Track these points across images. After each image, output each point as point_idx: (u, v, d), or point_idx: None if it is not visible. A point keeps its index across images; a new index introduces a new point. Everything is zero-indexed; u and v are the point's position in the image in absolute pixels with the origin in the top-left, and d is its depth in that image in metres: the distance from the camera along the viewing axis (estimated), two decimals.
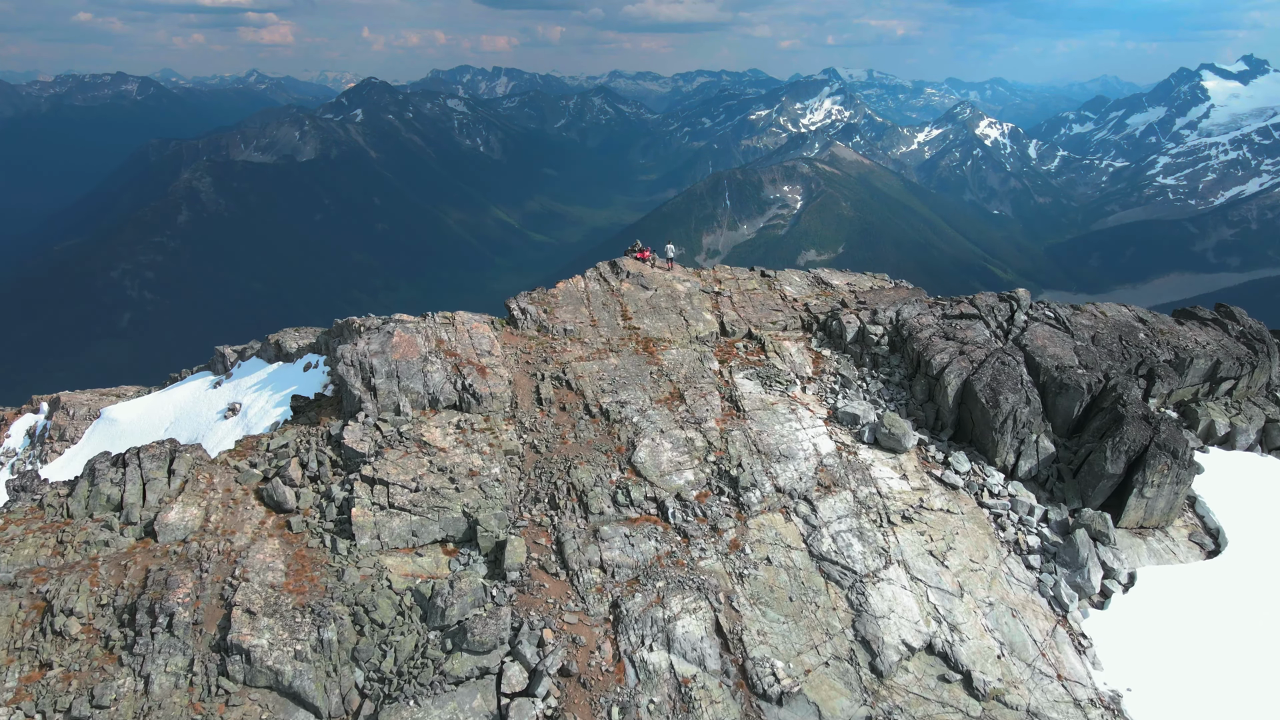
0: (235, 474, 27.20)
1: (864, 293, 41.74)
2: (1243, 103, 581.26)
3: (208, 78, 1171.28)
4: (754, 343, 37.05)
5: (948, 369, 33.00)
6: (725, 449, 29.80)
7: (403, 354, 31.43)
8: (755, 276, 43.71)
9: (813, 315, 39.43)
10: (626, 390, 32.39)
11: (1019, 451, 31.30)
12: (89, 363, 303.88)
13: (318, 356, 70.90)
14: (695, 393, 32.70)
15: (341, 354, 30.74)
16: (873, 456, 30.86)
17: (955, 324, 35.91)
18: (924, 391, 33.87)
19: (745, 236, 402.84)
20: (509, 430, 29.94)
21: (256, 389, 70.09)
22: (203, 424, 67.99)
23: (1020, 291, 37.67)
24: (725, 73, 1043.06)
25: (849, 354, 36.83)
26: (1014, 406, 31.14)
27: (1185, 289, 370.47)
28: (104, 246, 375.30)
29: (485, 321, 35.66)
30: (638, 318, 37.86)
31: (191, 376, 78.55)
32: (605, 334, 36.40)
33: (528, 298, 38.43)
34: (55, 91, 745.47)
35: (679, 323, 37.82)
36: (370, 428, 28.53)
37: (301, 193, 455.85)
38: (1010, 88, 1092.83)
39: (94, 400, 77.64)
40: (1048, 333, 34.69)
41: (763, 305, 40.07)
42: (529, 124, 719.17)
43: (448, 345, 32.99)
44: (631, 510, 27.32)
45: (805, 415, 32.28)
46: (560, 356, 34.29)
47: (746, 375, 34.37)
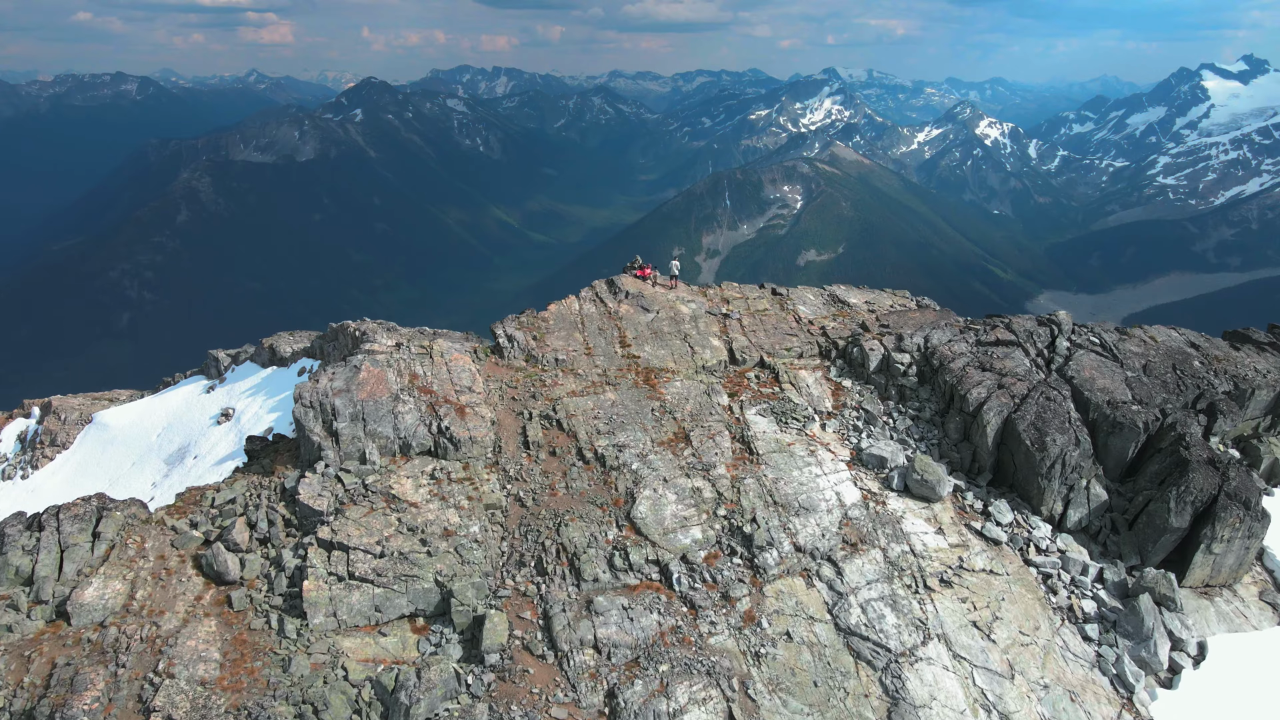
0: (172, 536, 23.59)
1: (885, 314, 38.04)
2: (1243, 102, 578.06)
3: (207, 77, 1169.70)
4: (767, 373, 33.53)
5: (986, 405, 29.47)
6: (737, 500, 26.21)
7: (370, 392, 27.80)
8: (766, 295, 40.17)
9: (831, 341, 35.87)
10: (625, 430, 28.83)
11: (1068, 499, 27.72)
12: (88, 363, 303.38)
13: (312, 361, 69.21)
14: (702, 433, 29.17)
15: (299, 393, 27.07)
16: (903, 507, 27.24)
17: (991, 352, 32.36)
18: (959, 430, 30.27)
19: (745, 236, 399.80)
20: (491, 479, 26.36)
21: (250, 394, 69.11)
22: (195, 429, 66.97)
23: (1061, 314, 34.09)
24: (725, 72, 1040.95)
25: (873, 385, 33.31)
26: (1063, 449, 27.53)
27: (1186, 289, 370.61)
28: (103, 246, 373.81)
29: (467, 351, 32.16)
30: (638, 344, 34.36)
31: (185, 381, 77.66)
32: (601, 364, 32.94)
33: (515, 322, 34.86)
34: (55, 91, 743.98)
35: (683, 350, 34.38)
36: (331, 480, 24.90)
37: (301, 193, 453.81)
38: (1010, 87, 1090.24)
39: (86, 405, 76.20)
40: (1095, 362, 31.12)
41: (775, 329, 36.52)
42: (529, 124, 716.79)
43: (423, 381, 29.40)
44: (630, 576, 23.72)
45: (826, 458, 28.70)
46: (550, 391, 30.78)
47: (759, 411, 30.84)
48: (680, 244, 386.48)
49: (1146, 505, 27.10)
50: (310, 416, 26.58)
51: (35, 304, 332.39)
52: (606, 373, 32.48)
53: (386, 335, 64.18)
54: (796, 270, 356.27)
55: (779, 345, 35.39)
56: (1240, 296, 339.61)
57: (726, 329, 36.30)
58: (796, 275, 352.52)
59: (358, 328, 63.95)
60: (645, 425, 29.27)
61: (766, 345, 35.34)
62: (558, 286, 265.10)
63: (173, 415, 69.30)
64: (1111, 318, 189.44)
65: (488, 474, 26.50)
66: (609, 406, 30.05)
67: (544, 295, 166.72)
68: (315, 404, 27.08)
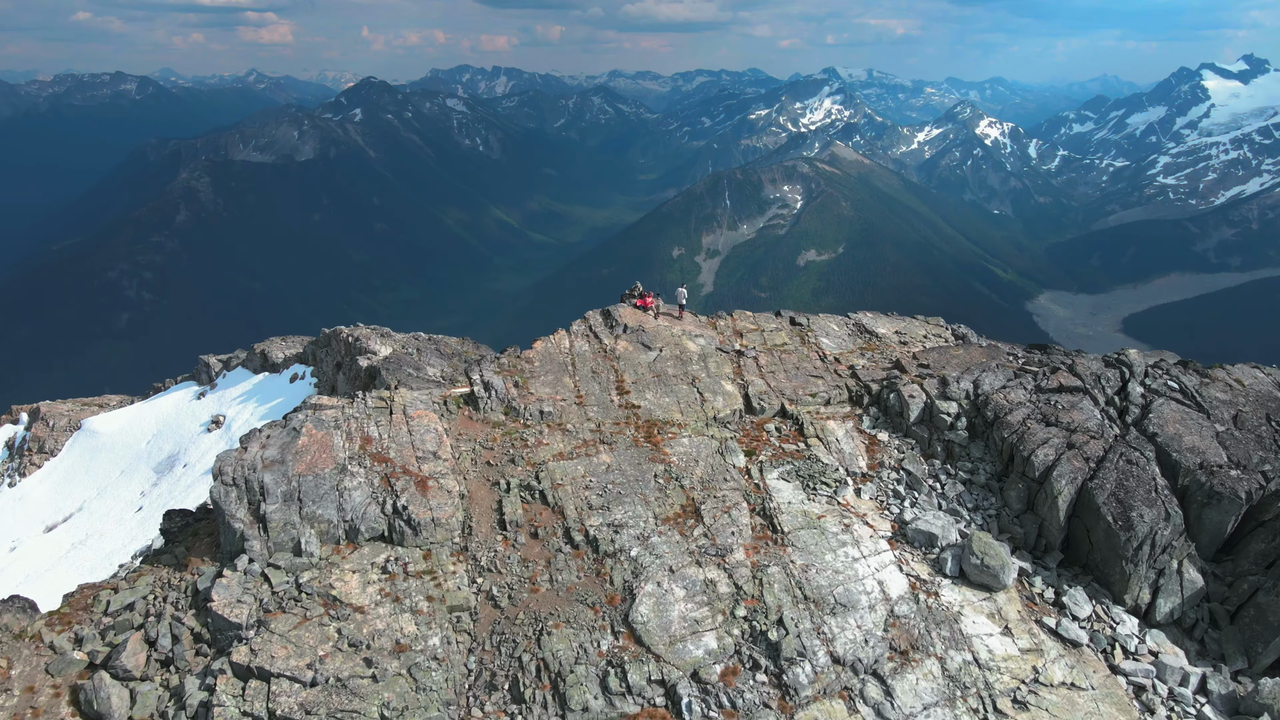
0: (48, 658, 18.75)
1: (923, 351, 33.22)
2: (1243, 102, 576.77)
3: (207, 77, 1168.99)
4: (789, 424, 28.93)
5: (1056, 470, 24.64)
6: (760, 596, 21.33)
7: (311, 463, 23.08)
8: (784, 326, 35.63)
9: (862, 384, 31.24)
10: (622, 504, 24.08)
11: (1157, 586, 22.95)
12: (87, 363, 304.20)
13: (304, 367, 69.47)
14: (716, 505, 24.38)
15: (219, 467, 22.25)
16: (960, 599, 22.39)
17: (1054, 401, 27.56)
18: (1021, 499, 25.42)
19: (745, 236, 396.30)
20: (458, 572, 21.52)
21: (241, 401, 69.44)
22: (185, 437, 67.13)
23: (1131, 354, 29.29)
24: (725, 72, 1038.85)
25: (914, 440, 28.62)
26: (1152, 526, 22.75)
27: (1186, 289, 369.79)
28: (102, 246, 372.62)
29: (434, 405, 27.35)
30: (638, 391, 29.80)
31: (175, 387, 77.73)
32: (595, 416, 28.39)
33: (494, 365, 30.09)
34: (54, 91, 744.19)
35: (691, 397, 29.78)
36: (255, 579, 20.04)
37: (300, 192, 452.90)
38: (1010, 87, 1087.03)
39: (75, 410, 75.32)
40: (1177, 413, 26.28)
41: (797, 369, 31.92)
42: (528, 123, 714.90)
43: (378, 446, 24.69)
44: (629, 701, 18.86)
45: (864, 534, 23.90)
46: (534, 453, 26.10)
47: (783, 474, 26.17)
48: (680, 244, 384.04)
49: (1253, 595, 22.38)
50: (232, 498, 21.62)
51: (34, 304, 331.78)
52: (601, 428, 27.81)
53: (380, 341, 61.32)
54: (796, 270, 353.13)
55: (802, 390, 30.77)
56: (1241, 296, 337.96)
57: (741, 370, 31.69)
58: (796, 275, 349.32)
59: (351, 333, 62.25)
60: (647, 496, 24.61)
61: (788, 390, 30.69)
62: (557, 286, 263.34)
63: (163, 422, 69.33)
64: (1112, 317, 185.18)
65: (454, 564, 21.65)
66: (603, 472, 25.35)
67: (544, 295, 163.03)
68: (239, 480, 22.20)
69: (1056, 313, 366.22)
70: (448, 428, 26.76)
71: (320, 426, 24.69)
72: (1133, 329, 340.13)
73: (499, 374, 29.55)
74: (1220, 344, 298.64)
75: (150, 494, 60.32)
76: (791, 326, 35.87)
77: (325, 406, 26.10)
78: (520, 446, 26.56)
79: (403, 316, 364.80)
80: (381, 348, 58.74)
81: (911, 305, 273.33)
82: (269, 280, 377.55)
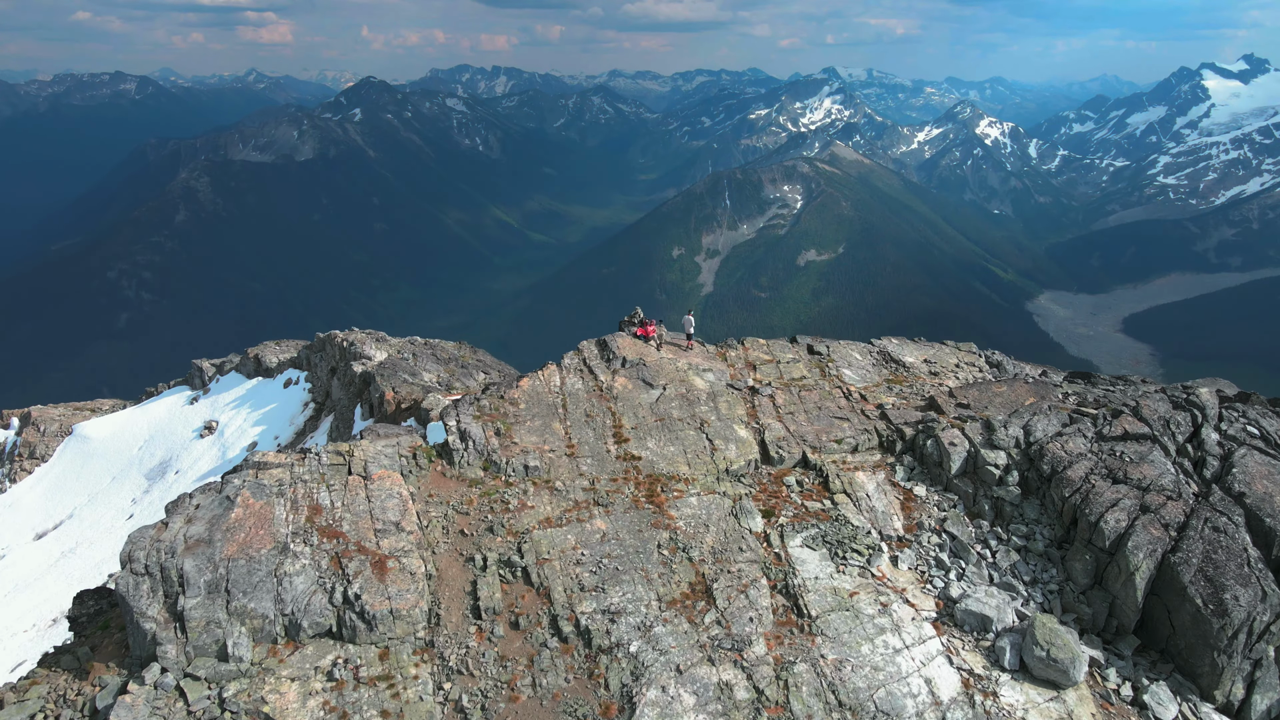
0: None
1: (962, 389, 29.55)
2: (1243, 102, 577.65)
3: (206, 77, 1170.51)
4: (812, 476, 25.37)
5: (1130, 540, 20.93)
6: (785, 702, 17.70)
7: (245, 543, 19.31)
8: (801, 355, 32.30)
9: (894, 427, 27.51)
10: (620, 584, 20.50)
11: (1252, 680, 19.35)
12: (87, 364, 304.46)
13: (299, 372, 67.49)
14: (730, 583, 20.76)
15: (129, 550, 18.35)
16: (1023, 699, 18.67)
17: (1119, 451, 23.82)
18: (1088, 572, 21.63)
19: (745, 236, 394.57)
20: (420, 676, 17.85)
21: (234, 406, 67.75)
22: (178, 443, 65.71)
23: (1203, 393, 25.60)
24: (725, 72, 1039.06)
25: (955, 494, 24.98)
26: (1249, 610, 19.10)
27: (1186, 289, 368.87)
28: (101, 246, 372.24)
29: (400, 460, 23.74)
30: (638, 438, 26.12)
31: (168, 391, 76.17)
32: (589, 470, 24.75)
33: (474, 409, 26.27)
34: (54, 90, 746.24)
35: (699, 445, 26.03)
36: (168, 695, 16.30)
37: (300, 192, 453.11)
38: (1010, 87, 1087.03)
39: (67, 415, 74.65)
40: (1264, 466, 22.59)
41: (819, 409, 28.43)
42: (528, 123, 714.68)
43: (328, 517, 20.99)
44: None
45: (905, 616, 20.29)
46: (516, 519, 22.44)
47: (806, 540, 22.67)
48: (680, 244, 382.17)
49: None
50: (143, 591, 17.65)
51: (33, 304, 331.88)
52: (595, 485, 24.15)
53: (375, 346, 58.03)
54: (796, 270, 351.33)
55: (826, 434, 27.04)
56: (1241, 296, 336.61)
57: (756, 411, 27.96)
58: (796, 275, 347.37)
59: (345, 338, 60.24)
60: (649, 573, 21.02)
61: (809, 434, 26.97)
62: (557, 286, 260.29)
63: (155, 427, 68.66)
64: (1112, 317, 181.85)
65: (416, 666, 17.96)
66: (598, 543, 21.78)
67: (543, 295, 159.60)
68: (154, 568, 18.20)
69: (1057, 313, 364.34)
70: (415, 490, 23.21)
71: (260, 494, 20.96)
72: (1133, 329, 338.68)
73: (478, 419, 25.83)
74: (1221, 344, 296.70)
75: (142, 501, 59.73)
76: (810, 356, 32.59)
77: (270, 466, 22.36)
78: (501, 511, 23.05)
79: (402, 316, 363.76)
80: (376, 352, 57.69)
81: (912, 305, 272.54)
82: (268, 280, 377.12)
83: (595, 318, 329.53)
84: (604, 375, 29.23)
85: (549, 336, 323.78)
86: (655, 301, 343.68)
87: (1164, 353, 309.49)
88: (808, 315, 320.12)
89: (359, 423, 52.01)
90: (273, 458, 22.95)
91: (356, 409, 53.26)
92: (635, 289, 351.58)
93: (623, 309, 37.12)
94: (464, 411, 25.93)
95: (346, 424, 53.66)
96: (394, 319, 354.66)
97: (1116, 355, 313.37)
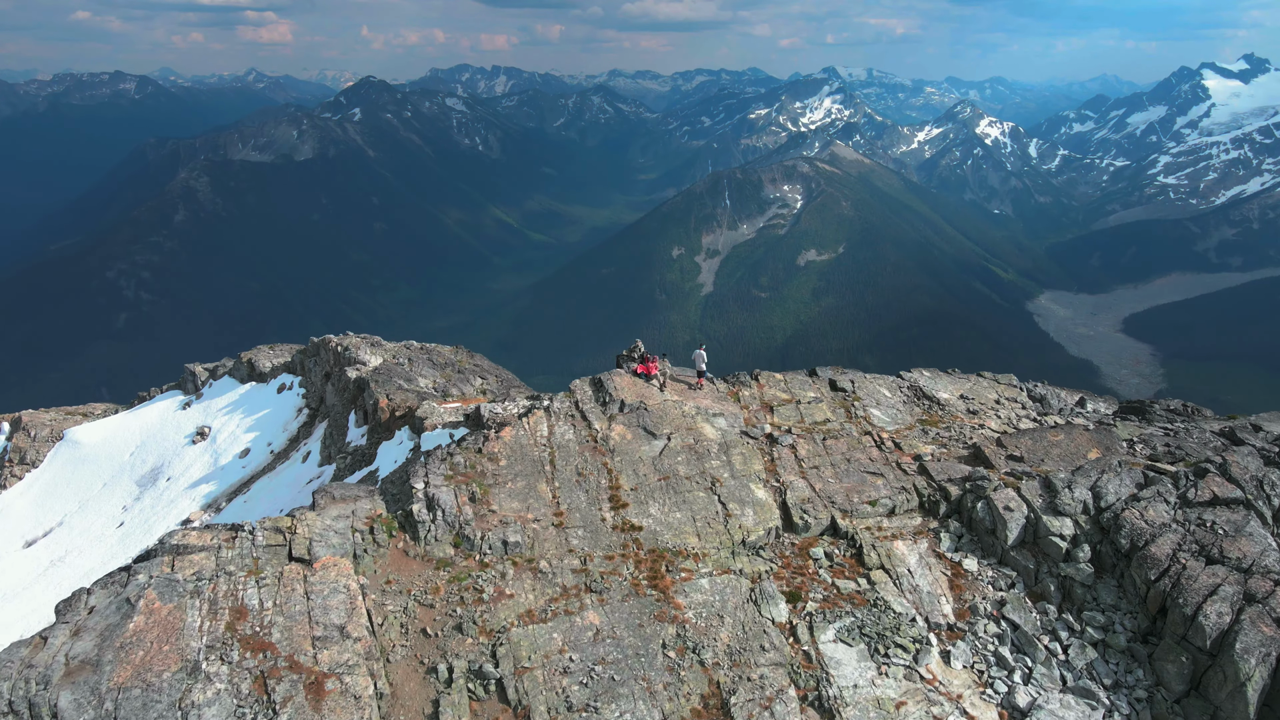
0: None
1: (1011, 436, 26.71)
2: (1244, 101, 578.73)
3: (206, 76, 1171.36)
4: (844, 546, 22.47)
5: (1236, 640, 17.65)
6: None
7: (142, 665, 16.26)
8: (823, 392, 29.79)
9: (935, 484, 24.53)
10: (616, 698, 17.81)
11: None
12: (86, 364, 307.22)
13: (292, 377, 67.06)
14: (751, 695, 18.13)
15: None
16: None
17: (1209, 521, 20.91)
18: (1183, 676, 18.49)
19: (745, 236, 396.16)
20: None
21: (227, 412, 67.05)
22: (169, 449, 64.77)
23: None
24: (725, 72, 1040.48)
25: (1013, 569, 21.92)
26: None
27: (1187, 289, 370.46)
28: (100, 246, 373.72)
29: (354, 539, 21.05)
30: (639, 502, 23.18)
31: (160, 396, 75.04)
32: (580, 545, 21.76)
33: (445, 466, 23.42)
34: (53, 90, 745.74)
35: (711, 510, 23.26)
36: None
37: (299, 192, 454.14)
38: (1010, 86, 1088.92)
39: (58, 420, 73.08)
40: None
41: (847, 461, 25.64)
42: (528, 123, 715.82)
43: (255, 623, 17.88)
44: None
45: None
46: (492, 613, 19.69)
47: (841, 633, 19.84)
48: (680, 244, 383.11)
49: None
50: None
51: (32, 304, 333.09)
52: (588, 564, 21.25)
53: (370, 350, 58.39)
54: (797, 270, 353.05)
55: (857, 494, 24.13)
56: (1242, 296, 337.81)
57: (775, 464, 25.02)
58: (797, 275, 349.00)
59: (340, 342, 59.86)
60: (651, 683, 18.15)
61: (838, 493, 24.17)
62: (557, 286, 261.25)
63: (147, 433, 67.34)
64: (1112, 317, 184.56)
65: None
66: (590, 642, 18.82)
67: (543, 295, 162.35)
68: (19, 705, 15.02)
69: (1057, 313, 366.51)
70: (369, 578, 20.07)
71: (169, 595, 17.56)
72: (1133, 329, 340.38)
73: (450, 480, 22.56)
74: (1221, 344, 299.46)
75: (132, 509, 58.46)
76: (833, 393, 29.79)
77: (190, 550, 19.19)
78: (473, 602, 19.73)
79: (402, 316, 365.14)
80: (371, 357, 56.37)
81: (912, 305, 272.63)
82: (268, 280, 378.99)
83: (595, 318, 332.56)
84: (599, 422, 25.99)
85: (549, 336, 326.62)
86: (655, 301, 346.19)
87: (1164, 353, 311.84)
88: (808, 315, 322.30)
89: (353, 430, 50.97)
90: (195, 538, 19.88)
91: (351, 415, 52.02)
92: (635, 289, 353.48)
93: (623, 308, 35.59)
94: (434, 470, 22.81)
95: (340, 431, 52.29)
96: (393, 319, 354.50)
97: (1117, 355, 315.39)
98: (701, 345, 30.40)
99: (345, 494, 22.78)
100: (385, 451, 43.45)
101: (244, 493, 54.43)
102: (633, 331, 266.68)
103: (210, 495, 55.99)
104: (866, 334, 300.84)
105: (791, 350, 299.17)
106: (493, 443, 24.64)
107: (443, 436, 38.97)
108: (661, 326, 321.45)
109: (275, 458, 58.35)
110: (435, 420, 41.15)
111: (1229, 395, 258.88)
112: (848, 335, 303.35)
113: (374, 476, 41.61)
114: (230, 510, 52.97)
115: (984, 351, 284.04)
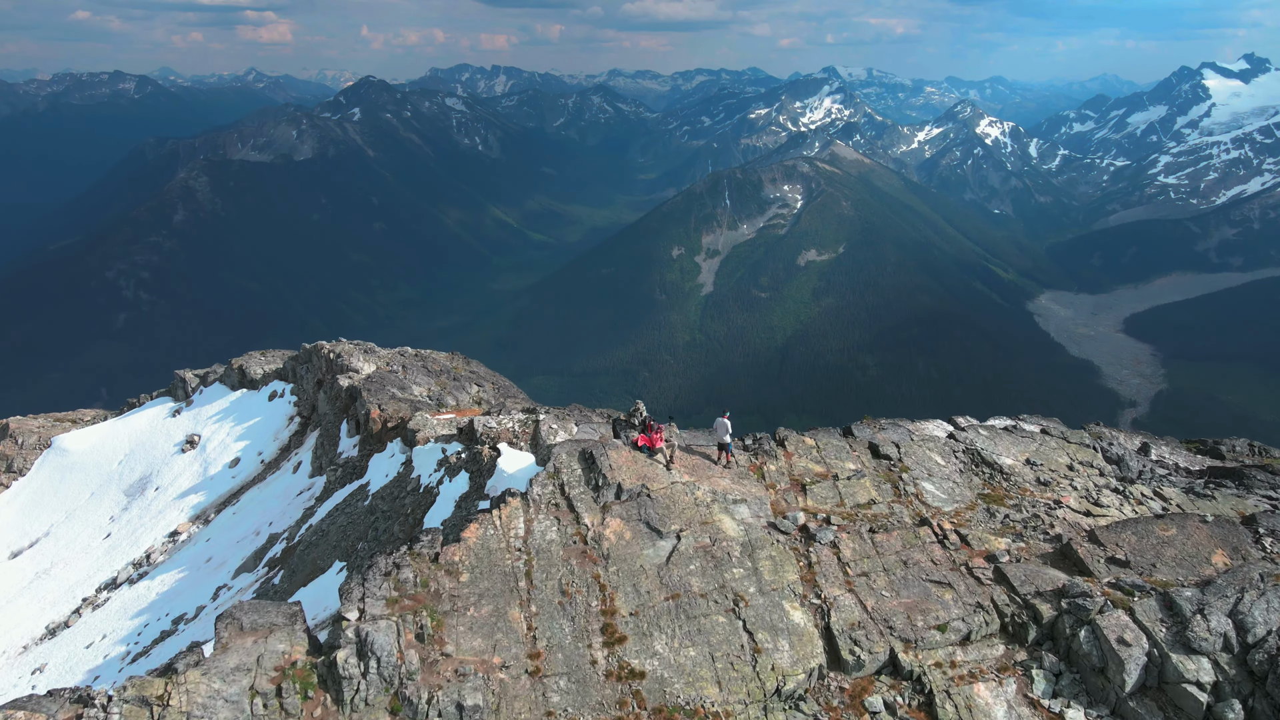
0: None
1: (1108, 530, 21.33)
2: (1244, 101, 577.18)
3: (206, 76, 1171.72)
4: (907, 691, 17.55)
5: None
6: None
7: None
8: (863, 459, 24.34)
9: (1018, 597, 19.19)
10: None
11: None
12: (86, 363, 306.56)
13: (284, 384, 66.26)
14: None
15: None
16: None
17: None
18: None
19: (745, 236, 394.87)
20: None
21: (217, 419, 66.09)
22: (158, 457, 63.80)
23: None
24: (725, 71, 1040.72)
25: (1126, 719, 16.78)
26: None
27: (1188, 289, 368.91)
28: (100, 246, 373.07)
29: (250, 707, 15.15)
30: (640, 633, 17.80)
31: (150, 403, 74.01)
32: (561, 705, 16.23)
33: (389, 585, 17.45)
34: (53, 90, 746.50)
35: (734, 641, 17.93)
36: None
37: (299, 192, 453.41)
38: (1010, 86, 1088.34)
39: (46, 427, 71.85)
40: None
41: (903, 563, 20.30)
42: (528, 123, 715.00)
43: None
44: None
45: None
46: None
47: None
48: (680, 243, 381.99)
49: None
50: None
51: (32, 304, 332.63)
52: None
53: (363, 358, 56.87)
54: (797, 270, 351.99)
55: (921, 614, 18.80)
56: (1242, 296, 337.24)
57: (813, 572, 19.60)
58: (797, 275, 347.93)
59: (332, 349, 58.98)
60: None
61: (897, 614, 18.92)
62: (557, 286, 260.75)
63: (135, 440, 66.24)
64: (1113, 317, 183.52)
65: None
66: None
67: (543, 295, 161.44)
68: None
69: (1057, 313, 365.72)
70: None
71: None
72: (1134, 329, 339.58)
73: (393, 607, 16.83)
74: (1221, 344, 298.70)
75: (120, 519, 57.28)
76: (874, 460, 24.44)
77: None
78: None
79: (401, 316, 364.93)
80: (364, 365, 55.07)
81: (913, 305, 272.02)
82: (267, 280, 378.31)
83: (595, 318, 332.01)
84: (590, 515, 20.16)
85: (549, 336, 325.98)
86: (655, 301, 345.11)
87: (1164, 353, 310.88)
88: (808, 315, 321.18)
89: (344, 440, 49.24)
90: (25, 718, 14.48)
91: (343, 425, 50.64)
92: (635, 289, 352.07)
93: (622, 308, 31.84)
94: (373, 592, 17.06)
95: (332, 441, 50.67)
96: (393, 319, 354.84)
97: (1117, 355, 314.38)
98: (725, 414, 23.99)
99: (257, 623, 16.79)
100: (376, 464, 42.71)
101: (233, 504, 53.62)
102: (633, 331, 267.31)
103: (199, 506, 55.10)
104: (867, 334, 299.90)
105: (791, 350, 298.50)
106: (453, 548, 18.79)
107: (434, 451, 38.26)
108: (661, 326, 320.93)
109: (266, 467, 57.38)
110: (428, 433, 40.38)
111: (1229, 395, 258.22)
112: (848, 335, 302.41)
113: (364, 491, 40.89)
114: (219, 522, 52.19)
115: (984, 351, 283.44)
